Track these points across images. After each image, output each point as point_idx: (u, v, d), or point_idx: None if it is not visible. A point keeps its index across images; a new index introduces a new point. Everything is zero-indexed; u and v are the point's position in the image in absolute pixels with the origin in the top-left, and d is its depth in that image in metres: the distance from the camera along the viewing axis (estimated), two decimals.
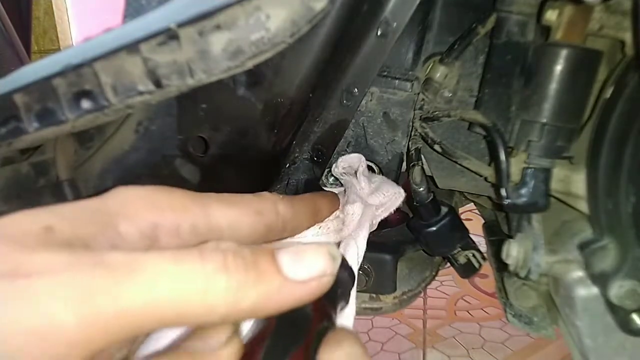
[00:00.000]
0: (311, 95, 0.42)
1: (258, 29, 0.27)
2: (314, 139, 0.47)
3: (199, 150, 0.44)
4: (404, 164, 0.50)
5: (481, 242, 0.59)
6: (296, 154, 0.48)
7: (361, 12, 0.40)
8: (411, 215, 0.54)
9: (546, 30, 0.40)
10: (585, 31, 0.38)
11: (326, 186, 0.47)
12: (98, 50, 0.28)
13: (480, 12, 0.44)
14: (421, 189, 0.47)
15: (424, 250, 0.57)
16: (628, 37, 0.38)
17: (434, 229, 0.50)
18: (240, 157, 0.44)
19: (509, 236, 0.47)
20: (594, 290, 0.42)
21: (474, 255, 0.54)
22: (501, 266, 0.50)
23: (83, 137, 0.43)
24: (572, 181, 0.43)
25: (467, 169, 0.45)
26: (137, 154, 0.43)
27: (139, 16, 0.34)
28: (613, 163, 0.39)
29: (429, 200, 0.48)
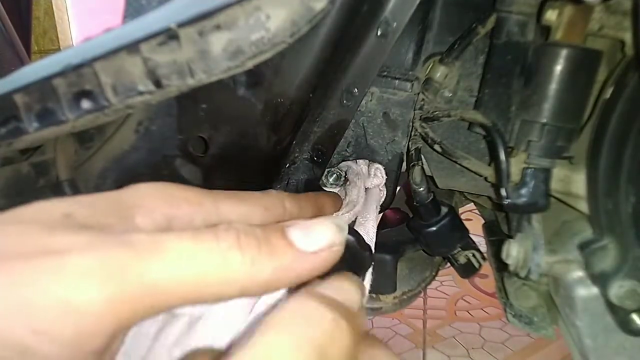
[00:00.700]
0: (311, 95, 0.42)
1: (258, 29, 0.27)
2: (314, 139, 0.47)
3: (199, 151, 0.44)
4: (404, 164, 0.50)
5: (481, 242, 0.59)
6: (296, 154, 0.48)
7: (361, 12, 0.40)
8: (411, 215, 0.54)
9: (546, 30, 0.40)
10: (585, 31, 0.38)
11: (326, 186, 0.47)
12: (98, 50, 0.28)
13: (480, 12, 0.44)
14: (421, 189, 0.47)
15: (424, 250, 0.57)
16: (628, 37, 0.38)
17: (434, 229, 0.50)
18: (241, 157, 0.44)
19: (509, 236, 0.47)
20: (594, 290, 0.42)
21: (474, 255, 0.54)
22: (501, 266, 0.50)
23: (83, 137, 0.43)
24: (572, 181, 0.43)
25: (467, 169, 0.45)
26: (137, 154, 0.43)
27: (139, 16, 0.34)
28: (613, 163, 0.39)
29: (429, 200, 0.48)
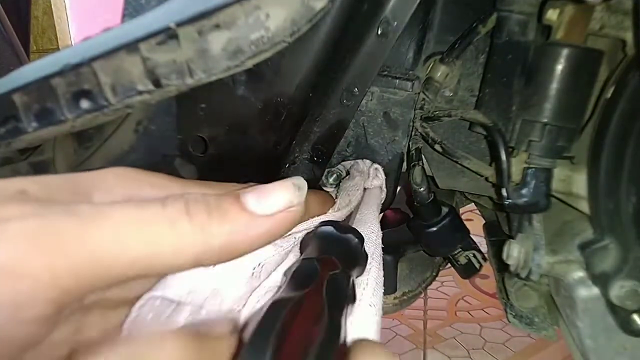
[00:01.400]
0: (311, 95, 0.42)
1: (258, 28, 0.27)
2: (314, 139, 0.47)
3: (198, 150, 0.44)
4: (405, 164, 0.50)
5: (482, 242, 0.59)
6: (296, 154, 0.47)
7: (361, 11, 0.40)
8: (411, 216, 0.54)
9: (547, 30, 0.40)
10: (586, 31, 0.38)
11: (326, 186, 0.47)
12: (97, 49, 0.28)
13: (480, 11, 0.44)
14: (422, 189, 0.47)
15: (424, 251, 0.57)
16: (629, 36, 0.38)
17: (435, 229, 0.50)
18: (240, 157, 0.44)
19: (510, 236, 0.47)
20: (594, 291, 0.42)
21: (474, 256, 0.54)
22: (502, 267, 0.50)
23: (82, 137, 0.43)
24: (573, 181, 0.43)
25: (467, 169, 0.45)
26: (136, 153, 0.43)
27: (138, 15, 0.34)
28: (614, 163, 0.38)
29: (429, 201, 0.48)
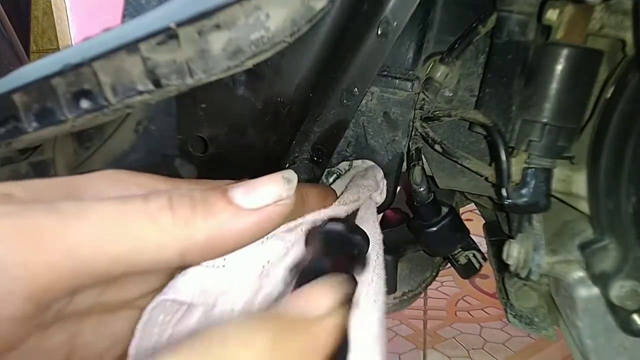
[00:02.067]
0: (311, 95, 0.42)
1: (258, 28, 0.27)
2: (314, 139, 0.47)
3: (198, 150, 0.44)
4: (405, 164, 0.50)
5: (482, 242, 0.59)
6: (296, 154, 0.47)
7: (361, 11, 0.40)
8: (411, 216, 0.54)
9: (547, 30, 0.40)
10: (586, 31, 0.38)
11: None
12: (97, 49, 0.28)
13: (480, 11, 0.44)
14: (422, 189, 0.47)
15: (424, 251, 0.57)
16: (629, 36, 0.38)
17: (435, 229, 0.50)
18: (240, 157, 0.44)
19: (510, 236, 0.47)
20: (594, 291, 0.42)
21: (474, 256, 0.54)
22: (502, 267, 0.50)
23: (82, 137, 0.43)
24: (573, 181, 0.43)
25: (467, 169, 0.45)
26: (136, 153, 0.43)
27: (138, 15, 0.34)
28: (614, 163, 0.38)
29: (429, 201, 0.48)
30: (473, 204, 0.66)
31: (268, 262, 0.25)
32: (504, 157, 0.40)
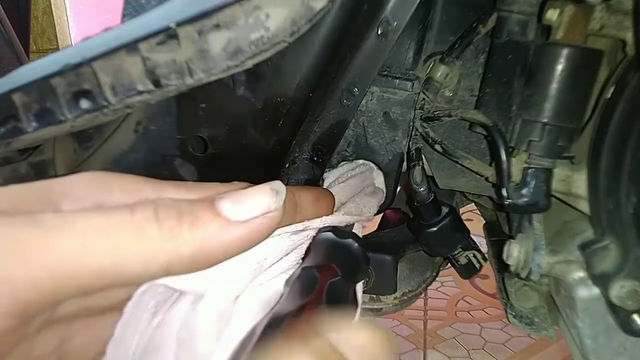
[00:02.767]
0: (311, 95, 0.42)
1: (257, 28, 0.27)
2: (314, 139, 0.47)
3: (198, 150, 0.44)
4: (405, 164, 0.50)
5: (482, 242, 0.59)
6: (296, 154, 0.47)
7: (361, 11, 0.40)
8: (411, 216, 0.54)
9: (547, 30, 0.39)
10: (586, 31, 0.38)
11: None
12: (97, 49, 0.28)
13: (481, 11, 0.44)
14: (422, 189, 0.47)
15: (424, 251, 0.57)
16: (629, 36, 0.38)
17: (435, 229, 0.50)
18: (240, 157, 0.44)
19: (510, 236, 0.47)
20: (595, 291, 0.42)
21: (474, 256, 0.54)
22: (502, 267, 0.50)
23: (82, 137, 0.43)
24: (573, 181, 0.43)
25: (467, 169, 0.45)
26: (136, 154, 0.43)
27: (138, 15, 0.34)
28: (614, 163, 0.38)
29: (429, 201, 0.48)
30: (473, 204, 0.66)
31: (265, 259, 0.25)
32: (504, 157, 0.40)
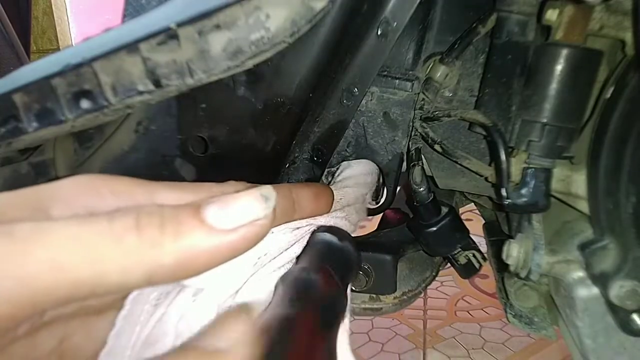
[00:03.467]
0: (311, 95, 0.42)
1: (258, 28, 0.27)
2: (314, 139, 0.47)
3: (198, 150, 0.44)
4: (405, 164, 0.50)
5: (481, 242, 0.59)
6: (296, 154, 0.47)
7: (361, 11, 0.40)
8: (411, 216, 0.54)
9: (547, 30, 0.40)
10: (585, 31, 0.38)
11: None
12: (97, 49, 0.28)
13: (480, 11, 0.44)
14: (421, 189, 0.47)
15: (424, 251, 0.57)
16: (628, 37, 0.38)
17: (434, 229, 0.50)
18: (240, 157, 0.44)
19: (510, 236, 0.47)
20: (594, 291, 0.42)
21: (474, 256, 0.54)
22: (501, 266, 0.50)
23: (82, 137, 0.43)
24: (573, 181, 0.43)
25: (467, 169, 0.45)
26: (136, 154, 0.43)
27: (138, 15, 0.34)
28: (613, 163, 0.39)
29: (429, 201, 0.48)
30: (473, 204, 0.66)
31: (265, 254, 0.25)
32: (503, 157, 0.40)
